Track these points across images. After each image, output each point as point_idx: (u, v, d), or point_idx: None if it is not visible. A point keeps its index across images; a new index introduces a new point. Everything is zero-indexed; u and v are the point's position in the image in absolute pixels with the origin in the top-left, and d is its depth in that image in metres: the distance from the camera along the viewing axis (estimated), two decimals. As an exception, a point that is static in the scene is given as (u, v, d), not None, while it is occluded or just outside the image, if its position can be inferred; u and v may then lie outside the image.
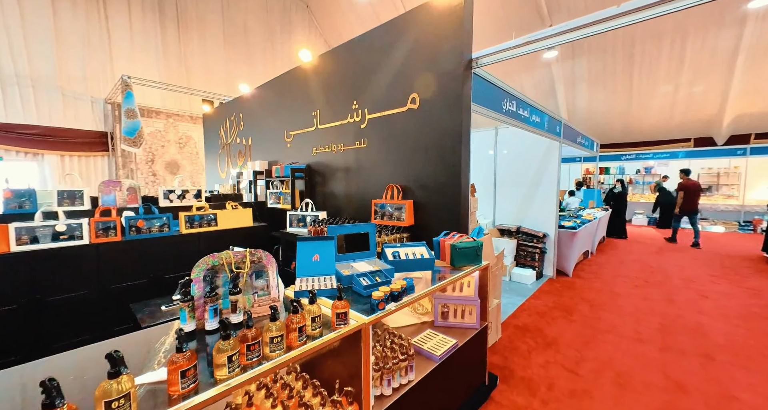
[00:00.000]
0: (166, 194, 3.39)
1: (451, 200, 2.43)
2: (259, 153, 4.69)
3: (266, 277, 1.33)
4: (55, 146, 8.47)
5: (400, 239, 2.56)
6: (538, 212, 4.91)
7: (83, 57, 8.60)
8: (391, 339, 1.70)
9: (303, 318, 1.11)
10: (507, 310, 3.70)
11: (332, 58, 3.34)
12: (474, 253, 2.05)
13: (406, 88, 2.63)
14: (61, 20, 8.23)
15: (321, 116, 3.49)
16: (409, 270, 1.94)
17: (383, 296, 1.38)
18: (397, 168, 2.78)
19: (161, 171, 9.88)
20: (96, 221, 2.67)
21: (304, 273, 1.72)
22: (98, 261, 2.67)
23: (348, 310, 1.22)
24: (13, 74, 7.85)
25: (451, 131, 2.37)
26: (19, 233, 2.40)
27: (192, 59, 10.29)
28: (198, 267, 1.21)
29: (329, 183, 3.49)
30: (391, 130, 2.79)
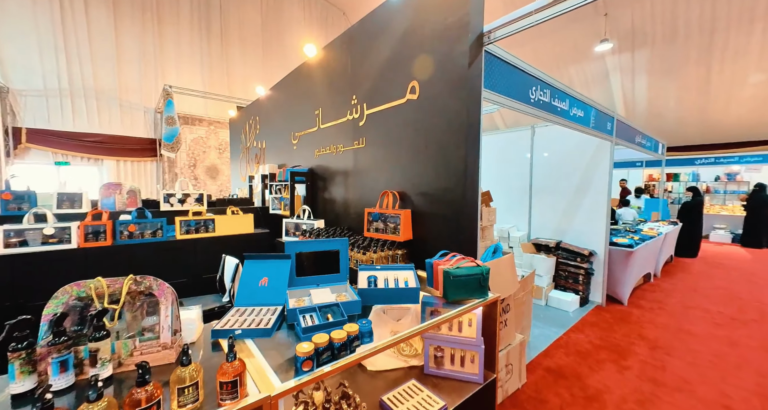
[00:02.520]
0: (167, 198, 3.30)
1: (456, 210, 1.94)
2: (272, 156, 4.54)
3: (159, 315, 0.98)
4: (112, 152, 9.25)
5: (393, 256, 2.11)
6: (583, 226, 4.12)
7: (139, 70, 9.36)
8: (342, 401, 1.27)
9: (156, 392, 0.73)
10: (538, 345, 3.04)
11: (333, 49, 3.02)
12: (476, 283, 1.54)
13: (405, 75, 2.21)
14: (122, 37, 9.03)
15: (323, 115, 3.18)
16: (385, 302, 1.50)
17: (311, 351, 0.96)
18: (394, 171, 2.35)
19: (202, 175, 10.42)
20: (85, 224, 2.60)
21: (244, 302, 1.37)
22: (85, 266, 2.59)
23: (242, 375, 0.82)
24: (81, 88, 8.72)
25: (456, 124, 1.89)
26: (8, 236, 2.38)
27: (233, 68, 10.80)
28: (55, 299, 0.90)
29: (329, 188, 3.15)
30: (388, 126, 2.38)
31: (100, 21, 8.70)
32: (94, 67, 8.77)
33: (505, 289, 2.10)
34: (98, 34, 8.78)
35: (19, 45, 7.77)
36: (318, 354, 0.98)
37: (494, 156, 5.15)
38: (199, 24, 10.23)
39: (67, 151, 8.38)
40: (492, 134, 5.24)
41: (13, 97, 7.85)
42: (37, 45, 7.93)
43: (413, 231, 2.19)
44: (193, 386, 0.78)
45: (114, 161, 9.25)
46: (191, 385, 0.78)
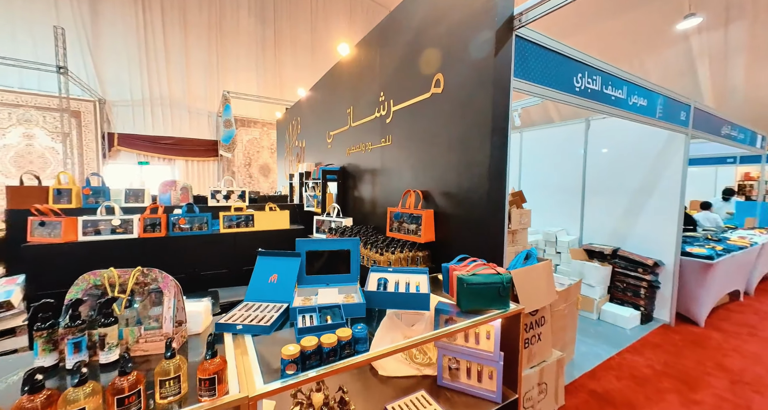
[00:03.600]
0: (213, 194, 3.59)
1: (480, 212, 1.79)
2: (310, 155, 4.69)
3: (162, 306, 1.04)
4: (182, 152, 10.37)
5: (413, 258, 2.02)
6: (647, 231, 3.58)
7: (204, 79, 10.36)
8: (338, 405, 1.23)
9: (138, 381, 0.76)
10: (584, 364, 2.71)
11: (364, 46, 2.99)
12: (494, 292, 1.40)
13: (430, 67, 2.09)
14: (191, 51, 10.07)
15: (354, 113, 3.18)
16: (392, 307, 1.43)
17: (296, 355, 0.93)
18: (418, 170, 2.25)
19: (256, 174, 11.26)
20: (144, 217, 2.94)
21: (254, 296, 1.40)
22: (143, 254, 2.93)
23: (220, 373, 0.82)
24: (159, 97, 9.91)
25: (481, 119, 1.74)
26: (86, 226, 2.77)
27: (284, 72, 11.46)
28: (76, 286, 0.99)
29: (359, 187, 3.15)
30: (412, 123, 2.28)
31: (175, 39, 9.78)
32: (169, 79, 9.90)
33: (537, 300, 1.89)
34: (173, 51, 9.87)
35: (114, 64, 9.06)
36: (304, 357, 0.96)
37: (542, 152, 4.73)
38: (255, 33, 10.99)
39: (147, 152, 9.60)
40: (541, 129, 4.81)
41: (108, 107, 9.20)
42: (126, 63, 9.18)
43: (436, 233, 2.08)
44: (174, 379, 0.81)
45: (183, 161, 10.35)
46: (173, 378, 0.80)
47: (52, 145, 8.19)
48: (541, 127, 4.85)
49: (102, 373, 0.94)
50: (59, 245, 2.67)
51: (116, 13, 8.91)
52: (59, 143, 8.11)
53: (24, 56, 7.12)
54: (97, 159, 8.80)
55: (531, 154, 5.05)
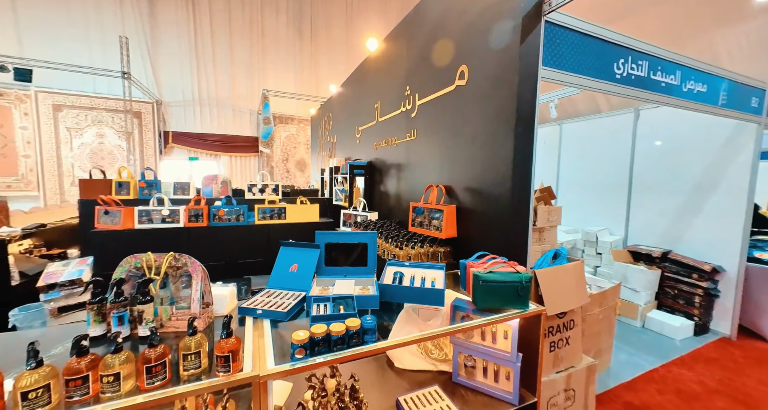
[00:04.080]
0: (250, 188, 3.82)
1: (502, 208, 1.73)
2: (341, 150, 4.80)
3: (191, 288, 1.15)
4: (227, 148, 11.07)
5: (434, 254, 2.01)
6: (705, 233, 3.21)
7: (246, 79, 10.93)
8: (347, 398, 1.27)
9: (164, 353, 0.86)
10: (621, 374, 2.53)
11: (391, 40, 2.98)
12: (512, 291, 1.35)
13: (455, 59, 2.03)
14: (235, 53, 10.65)
15: (381, 108, 3.19)
16: (406, 301, 1.44)
17: (306, 340, 0.98)
18: (442, 164, 2.21)
19: (293, 169, 11.75)
20: (189, 208, 3.21)
21: (275, 284, 1.49)
22: (188, 242, 3.21)
23: (235, 352, 0.90)
24: (207, 97, 10.63)
25: (506, 110, 1.66)
26: (141, 215, 3.10)
27: (320, 70, 11.75)
28: (120, 267, 1.13)
29: (385, 181, 3.17)
30: (437, 117, 2.24)
31: (221, 42, 10.39)
32: (215, 80, 10.58)
33: (563, 302, 1.79)
34: (219, 53, 10.49)
35: (169, 68, 9.86)
36: (313, 343, 1.00)
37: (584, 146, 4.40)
38: (293, 32, 11.35)
39: (196, 148, 10.39)
40: (583, 121, 4.48)
41: (164, 108, 10.07)
42: (179, 66, 9.95)
43: (458, 228, 2.04)
44: (195, 354, 0.89)
45: (228, 157, 11.05)
46: (194, 353, 0.89)
47: (119, 143, 9.18)
48: (583, 118, 4.51)
49: (140, 345, 1.06)
50: (119, 231, 3.02)
51: (171, 21, 9.68)
52: (124, 141, 9.07)
53: (97, 64, 8.00)
54: (154, 155, 9.70)
55: (571, 147, 4.71)
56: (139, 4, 9.23)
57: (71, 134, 8.79)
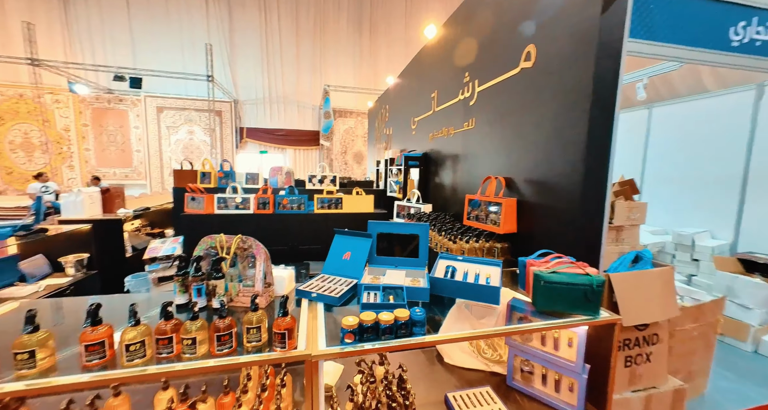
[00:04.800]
0: (310, 179, 4.05)
1: (571, 202, 1.55)
2: (396, 142, 4.80)
3: (255, 268, 1.26)
4: (292, 142, 11.87)
5: (490, 249, 1.89)
6: None
7: (309, 76, 11.52)
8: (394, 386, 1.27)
9: (231, 325, 0.95)
10: (721, 404, 2.14)
11: (450, 25, 2.84)
12: (579, 295, 1.21)
13: (521, 38, 1.85)
14: (300, 50, 11.26)
15: (438, 97, 3.09)
16: (457, 296, 1.39)
17: (355, 326, 1.01)
18: (501, 154, 2.05)
19: (350, 161, 12.17)
20: (258, 196, 3.54)
21: (329, 270, 1.56)
22: (257, 228, 3.54)
23: (290, 330, 0.96)
24: (275, 95, 11.48)
25: (580, 93, 1.47)
26: (219, 202, 3.51)
27: (378, 63, 11.83)
28: (199, 246, 1.28)
29: (440, 173, 3.08)
30: (498, 103, 2.08)
31: (288, 43, 11.06)
32: (283, 79, 11.33)
33: (645, 312, 1.56)
34: (286, 53, 11.18)
35: (244, 70, 10.84)
36: (362, 330, 1.02)
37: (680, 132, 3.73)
38: (353, 27, 11.56)
39: (266, 143, 11.34)
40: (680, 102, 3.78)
41: (240, 106, 11.16)
42: (253, 68, 10.87)
43: (518, 223, 1.89)
44: (256, 328, 0.97)
45: (292, 150, 11.85)
46: (255, 327, 0.97)
47: (204, 138, 10.47)
48: (681, 99, 3.80)
49: (214, 315, 1.19)
50: (203, 215, 3.45)
51: (246, 26, 10.58)
52: (208, 136, 10.31)
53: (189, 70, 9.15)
54: (232, 149, 10.86)
55: (663, 135, 4.02)
56: (221, 13, 10.27)
57: (169, 131, 10.29)
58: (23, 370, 0.81)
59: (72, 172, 9.62)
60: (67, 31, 9.44)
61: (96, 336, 0.86)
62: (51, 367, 0.85)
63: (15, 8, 8.82)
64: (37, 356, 0.82)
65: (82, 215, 3.38)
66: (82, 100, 9.36)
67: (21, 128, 8.94)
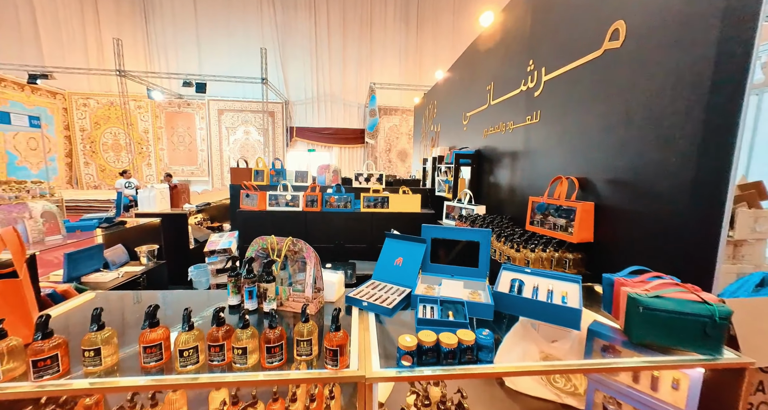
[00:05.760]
0: (357, 177, 4.02)
1: (674, 209, 1.26)
2: (445, 139, 4.58)
3: (306, 273, 1.20)
4: (338, 140, 12.11)
5: (560, 260, 1.65)
6: None
7: (355, 74, 11.63)
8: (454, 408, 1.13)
9: (281, 336, 0.89)
10: None
11: (511, 10, 2.56)
12: (696, 328, 0.96)
13: (605, 15, 1.56)
14: (347, 49, 11.40)
15: (494, 90, 2.83)
16: (529, 316, 1.20)
17: (413, 347, 0.89)
18: (573, 151, 1.78)
19: (395, 158, 12.10)
20: (306, 194, 3.59)
21: (381, 277, 1.46)
22: (305, 225, 3.61)
23: (342, 347, 0.87)
24: (323, 94, 11.79)
25: (692, 73, 1.18)
26: (270, 199, 3.63)
27: (424, 58, 11.56)
28: (251, 247, 1.26)
29: (495, 172, 2.83)
30: (571, 93, 1.80)
31: (336, 43, 11.26)
32: (330, 79, 11.59)
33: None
34: (334, 54, 11.39)
35: (294, 71, 11.27)
36: (421, 352, 0.90)
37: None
38: (400, 23, 11.41)
39: (314, 141, 11.72)
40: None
41: (290, 106, 11.66)
42: (302, 68, 11.27)
43: (595, 232, 1.62)
44: (307, 341, 0.90)
45: (338, 148, 12.09)
46: (306, 340, 0.91)
47: (259, 138, 11.12)
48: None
49: (264, 319, 1.16)
50: (256, 211, 3.59)
51: (297, 27, 10.96)
52: (262, 136, 10.93)
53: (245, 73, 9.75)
54: (283, 148, 11.39)
55: (780, 125, 3.29)
56: (274, 17, 10.77)
57: (228, 132, 11.12)
58: (89, 367, 0.82)
59: (149, 169, 10.86)
60: (147, 44, 10.63)
61: (153, 338, 0.85)
62: (114, 365, 0.86)
63: (107, 26, 10.15)
64: (103, 353, 0.83)
65: (155, 208, 3.72)
66: (158, 105, 10.48)
67: (111, 131, 10.29)
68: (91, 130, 10.16)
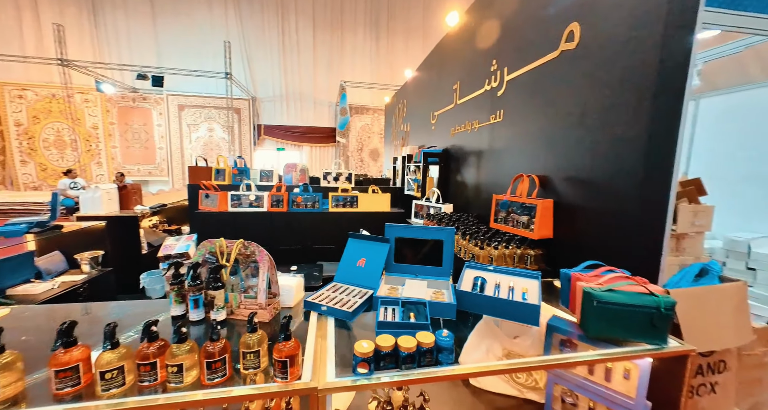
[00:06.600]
0: (325, 176, 3.92)
1: (625, 205, 1.32)
2: (414, 138, 4.59)
3: (258, 278, 1.11)
4: (308, 139, 11.81)
5: (522, 257, 1.68)
6: None
7: (326, 73, 11.40)
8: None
9: (225, 349, 0.81)
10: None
11: (476, 10, 2.60)
12: (645, 320, 0.99)
13: (562, 17, 1.61)
14: (317, 47, 11.16)
15: (461, 89, 2.86)
16: (489, 314, 1.20)
17: (370, 353, 0.84)
18: (534, 150, 1.83)
19: (366, 158, 12.02)
20: (271, 194, 3.44)
21: (343, 279, 1.40)
22: (271, 226, 3.45)
23: (294, 357, 0.80)
24: (292, 92, 11.43)
25: (640, 76, 1.23)
26: (232, 199, 3.43)
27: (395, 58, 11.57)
28: (198, 251, 1.15)
29: (462, 171, 2.86)
30: (531, 93, 1.85)
31: (305, 39, 10.98)
32: (300, 76, 11.27)
33: (715, 338, 1.31)
34: (304, 51, 11.09)
35: (262, 68, 10.83)
36: (378, 358, 0.86)
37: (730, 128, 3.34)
38: (370, 22, 11.34)
39: (283, 140, 11.35)
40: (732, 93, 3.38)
41: (258, 103, 11.21)
42: (270, 65, 10.86)
43: (555, 228, 1.67)
44: (254, 353, 0.83)
45: (309, 147, 11.80)
46: (253, 352, 0.83)
47: (224, 136, 10.59)
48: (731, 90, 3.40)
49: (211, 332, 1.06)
50: (217, 213, 3.38)
51: (264, 22, 10.55)
52: (227, 134, 10.43)
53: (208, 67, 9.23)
54: (250, 146, 10.93)
55: (711, 129, 3.63)
56: (239, 11, 10.30)
57: (190, 129, 10.48)
58: (-18, 399, 0.69)
59: (100, 168, 9.97)
60: (96, 32, 9.74)
61: (67, 361, 0.73)
62: (18, 394, 0.73)
63: (47, 11, 9.18)
64: (0, 382, 0.70)
65: (101, 211, 3.39)
66: (108, 99, 9.65)
67: (54, 127, 9.32)
68: (28, 124, 9.15)
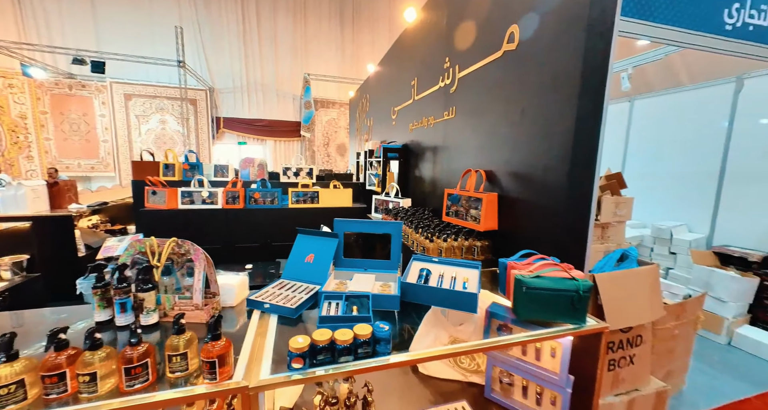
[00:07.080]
0: (285, 171, 3.81)
1: (557, 197, 1.42)
2: (377, 133, 4.60)
3: (194, 277, 1.06)
4: (272, 133, 11.37)
5: (469, 248, 1.76)
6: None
7: (290, 65, 11.01)
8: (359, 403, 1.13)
9: (147, 353, 0.77)
10: (698, 400, 2.12)
11: (432, 7, 2.65)
12: (566, 302, 1.09)
13: (504, 18, 1.69)
14: (280, 37, 10.70)
15: (418, 85, 2.91)
16: (432, 304, 1.24)
17: (305, 348, 0.84)
18: (483, 146, 1.91)
19: (333, 153, 11.84)
20: (226, 190, 3.28)
21: (290, 275, 1.38)
22: (227, 223, 3.30)
23: (223, 357, 0.78)
24: (254, 84, 10.91)
25: (566, 78, 1.33)
26: (183, 196, 3.23)
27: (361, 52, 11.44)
28: (126, 252, 1.08)
29: (420, 165, 2.92)
30: (479, 90, 1.93)
31: (267, 28, 10.50)
32: (261, 66, 10.78)
33: (631, 315, 1.47)
34: (265, 40, 10.61)
35: (220, 56, 10.21)
36: (314, 352, 0.86)
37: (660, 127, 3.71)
38: (336, 15, 11.10)
39: (244, 133, 10.83)
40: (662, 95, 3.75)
41: (216, 94, 10.58)
42: (229, 54, 10.26)
43: (499, 220, 1.77)
44: (181, 356, 0.79)
45: (273, 141, 11.39)
46: (180, 355, 0.79)
47: (178, 128, 9.90)
48: (662, 92, 3.77)
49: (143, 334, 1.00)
50: (166, 210, 3.17)
51: (222, 9, 9.94)
52: (182, 126, 9.75)
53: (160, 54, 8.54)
54: (208, 140, 10.32)
55: (643, 129, 4.01)
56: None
57: (139, 120, 9.66)
58: None
59: (31, 163, 8.91)
60: (20, 8, 8.61)
61: (-46, 377, 0.66)
62: None
63: (-44, -19, 7.96)
64: None
65: (26, 211, 3.04)
66: (39, 85, 8.62)
67: (-30, 115, 8.17)
68: (-64, 112, 7.95)
